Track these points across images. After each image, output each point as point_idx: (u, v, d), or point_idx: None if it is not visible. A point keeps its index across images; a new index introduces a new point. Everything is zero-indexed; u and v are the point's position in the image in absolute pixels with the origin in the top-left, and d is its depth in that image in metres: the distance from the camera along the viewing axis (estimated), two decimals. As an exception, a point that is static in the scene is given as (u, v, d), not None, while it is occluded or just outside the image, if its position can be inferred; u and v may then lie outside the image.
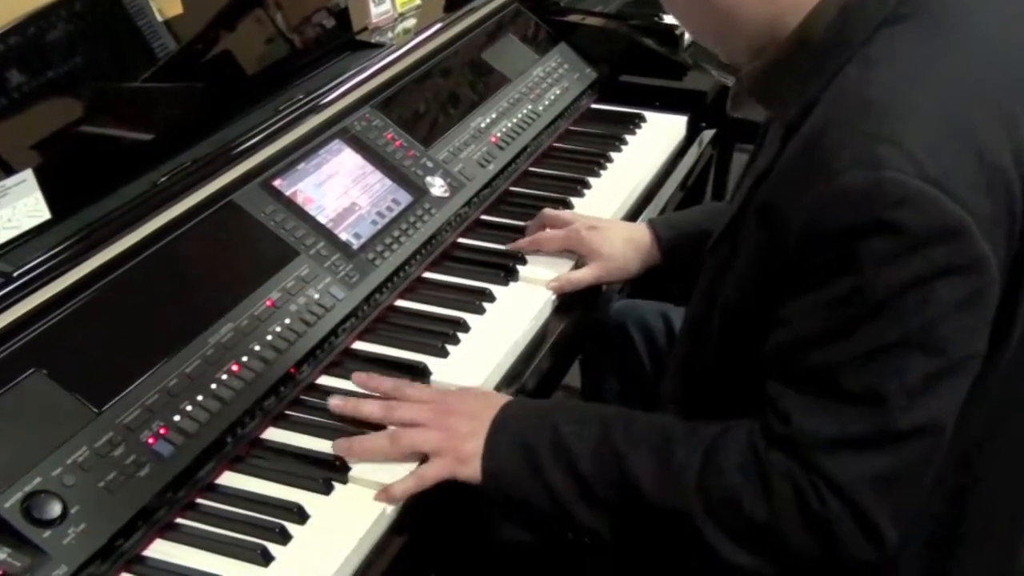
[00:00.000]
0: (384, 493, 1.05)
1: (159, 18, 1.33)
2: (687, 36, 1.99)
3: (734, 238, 1.05)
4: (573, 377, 1.76)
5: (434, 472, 1.07)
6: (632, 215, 1.64)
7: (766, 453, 0.96)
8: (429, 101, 1.64)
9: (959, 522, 1.04)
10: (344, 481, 1.07)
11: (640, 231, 1.45)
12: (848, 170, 0.89)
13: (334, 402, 1.14)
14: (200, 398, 1.08)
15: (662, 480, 0.99)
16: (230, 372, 1.12)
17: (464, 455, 1.07)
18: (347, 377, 1.21)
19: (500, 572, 1.37)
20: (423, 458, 1.09)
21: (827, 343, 0.92)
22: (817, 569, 0.97)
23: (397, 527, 1.06)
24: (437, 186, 1.50)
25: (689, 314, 1.17)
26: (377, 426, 1.12)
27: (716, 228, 1.10)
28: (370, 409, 1.12)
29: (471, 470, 1.07)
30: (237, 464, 1.09)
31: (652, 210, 1.68)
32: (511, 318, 1.34)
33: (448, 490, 1.09)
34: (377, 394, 1.16)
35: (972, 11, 0.99)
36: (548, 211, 1.50)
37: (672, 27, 1.98)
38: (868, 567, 0.98)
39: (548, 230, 1.47)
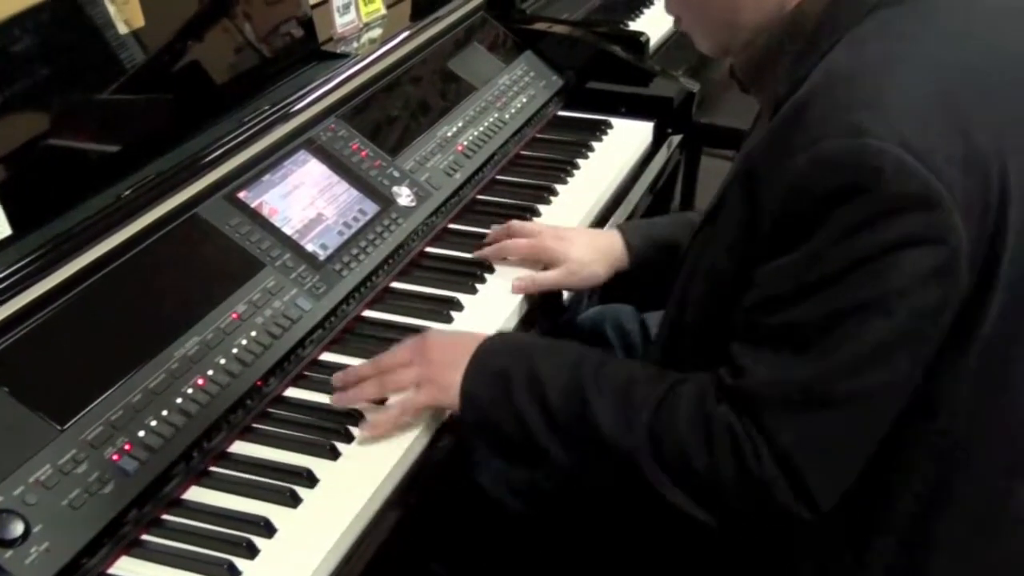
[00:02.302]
0: (370, 426, 1.13)
1: (123, 30, 1.32)
2: (652, 42, 2.01)
3: (719, 211, 1.06)
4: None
5: (418, 399, 1.14)
6: (599, 221, 1.65)
7: (713, 406, 0.99)
8: (395, 111, 1.64)
9: (938, 512, 1.03)
10: (312, 486, 1.07)
11: (608, 238, 1.45)
12: (830, 136, 0.90)
13: (335, 397, 1.18)
14: (165, 413, 1.08)
15: (616, 421, 1.04)
16: (196, 386, 1.11)
17: (446, 383, 1.13)
18: (315, 389, 1.21)
19: (488, 571, 1.38)
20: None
21: (792, 302, 0.94)
22: (756, 522, 1.01)
23: (366, 539, 1.05)
24: (404, 196, 1.50)
25: (669, 310, 1.18)
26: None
27: (686, 235, 1.10)
28: (368, 391, 1.17)
29: (451, 397, 1.12)
30: (203, 479, 1.09)
31: (620, 215, 1.69)
32: (479, 327, 1.33)
33: (424, 501, 1.09)
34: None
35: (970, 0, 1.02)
36: (515, 222, 1.48)
37: (638, 34, 1.99)
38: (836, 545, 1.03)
39: (515, 239, 1.45)
